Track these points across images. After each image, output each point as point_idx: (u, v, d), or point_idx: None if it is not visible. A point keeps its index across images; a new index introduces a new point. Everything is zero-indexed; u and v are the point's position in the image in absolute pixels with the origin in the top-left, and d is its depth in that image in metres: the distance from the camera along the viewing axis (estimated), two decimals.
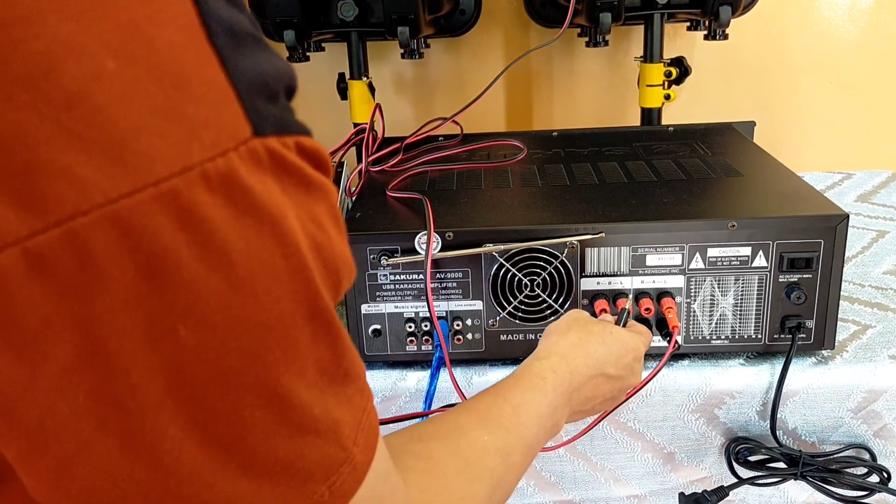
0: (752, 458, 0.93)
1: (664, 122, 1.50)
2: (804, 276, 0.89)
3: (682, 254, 0.89)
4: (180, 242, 0.35)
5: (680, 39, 1.64)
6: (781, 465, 0.93)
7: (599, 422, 0.86)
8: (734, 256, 0.89)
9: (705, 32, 1.44)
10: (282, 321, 0.39)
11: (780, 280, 0.89)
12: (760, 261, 0.89)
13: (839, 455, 0.93)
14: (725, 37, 1.43)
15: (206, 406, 0.37)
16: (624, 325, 0.84)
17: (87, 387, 0.35)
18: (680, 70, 1.50)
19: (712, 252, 0.89)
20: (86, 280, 0.33)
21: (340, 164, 1.25)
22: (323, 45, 1.49)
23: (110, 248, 0.33)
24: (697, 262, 0.89)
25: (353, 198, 1.07)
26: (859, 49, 1.66)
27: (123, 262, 0.34)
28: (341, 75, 1.51)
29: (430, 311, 0.90)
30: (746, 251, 0.89)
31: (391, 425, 0.72)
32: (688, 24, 1.49)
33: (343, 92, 1.50)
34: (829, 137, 1.71)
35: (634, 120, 1.55)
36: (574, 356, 0.75)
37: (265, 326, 0.38)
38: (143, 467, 0.37)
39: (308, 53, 1.45)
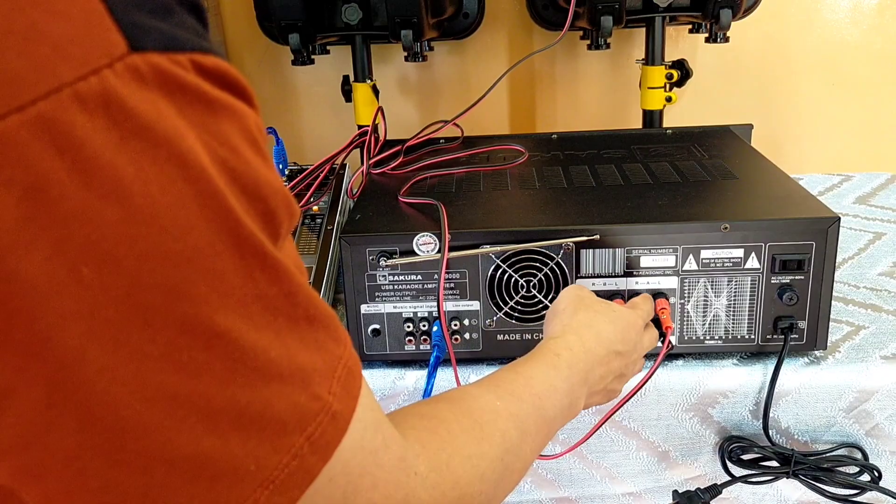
0: (746, 457, 0.95)
1: (666, 124, 1.50)
2: (796, 277, 0.90)
3: (676, 255, 0.91)
4: (60, 170, 0.33)
5: (681, 42, 1.65)
6: (774, 463, 0.94)
7: (604, 422, 0.87)
8: (727, 258, 0.90)
9: (706, 35, 1.44)
10: (199, 251, 0.36)
11: (773, 281, 0.91)
12: (753, 262, 0.90)
13: (831, 454, 0.94)
14: (727, 39, 1.43)
15: (135, 352, 0.35)
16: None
17: None
18: (681, 72, 1.50)
19: (705, 254, 0.90)
20: None
21: (343, 167, 1.27)
22: (328, 47, 1.50)
23: None
24: (691, 264, 0.91)
25: (355, 199, 1.08)
26: (861, 51, 1.66)
27: (1, 197, 0.32)
28: (346, 78, 1.52)
29: (440, 312, 0.92)
30: (739, 253, 0.90)
31: None
32: (689, 26, 1.49)
33: (347, 94, 1.51)
34: (830, 139, 1.72)
35: (636, 122, 1.56)
36: (587, 336, 0.75)
37: (180, 258, 0.36)
38: (74, 420, 0.35)
39: (313, 56, 1.46)
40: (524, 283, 0.92)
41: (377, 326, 0.95)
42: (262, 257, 0.39)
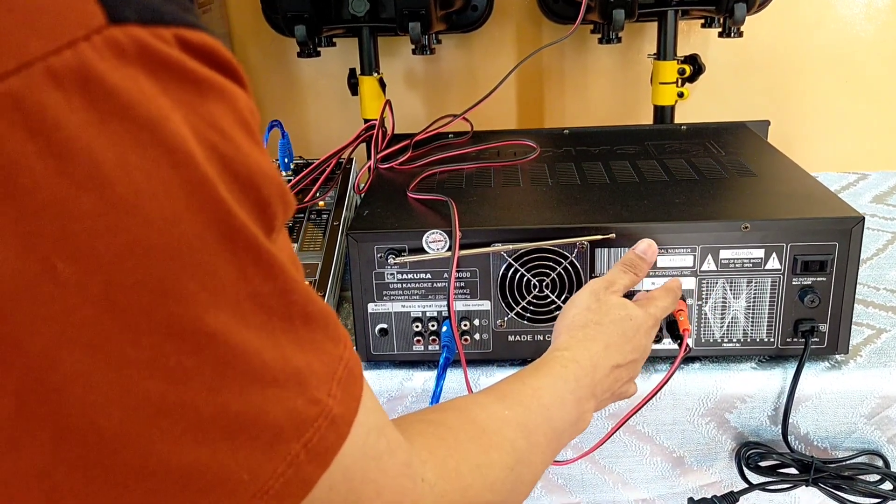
0: (763, 464, 0.92)
1: (677, 120, 1.49)
2: (818, 279, 0.87)
3: (694, 255, 0.88)
4: (31, 155, 0.29)
5: (694, 37, 1.63)
6: (793, 470, 0.91)
7: (619, 428, 0.84)
8: (747, 258, 0.87)
9: (720, 30, 1.43)
10: (187, 245, 0.33)
11: (794, 283, 0.88)
12: (774, 263, 0.87)
13: (852, 461, 0.91)
14: (740, 34, 1.41)
15: (116, 356, 0.32)
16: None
17: None
18: (694, 68, 1.48)
19: (724, 254, 0.87)
20: None
21: (350, 161, 1.24)
22: (334, 40, 1.48)
23: None
24: (709, 264, 0.88)
25: (362, 195, 1.06)
26: (875, 47, 1.64)
27: None
28: (352, 71, 1.50)
29: (449, 311, 0.89)
30: (759, 253, 0.87)
31: None
32: (702, 21, 1.47)
33: (354, 87, 1.50)
34: (844, 137, 1.69)
35: (647, 118, 1.54)
36: (594, 349, 0.72)
37: (165, 252, 0.32)
38: (47, 431, 0.32)
39: (319, 49, 1.44)
40: (537, 283, 0.90)
41: (385, 326, 0.92)
42: (255, 251, 0.36)
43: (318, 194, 1.15)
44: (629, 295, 0.82)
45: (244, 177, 0.36)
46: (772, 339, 0.91)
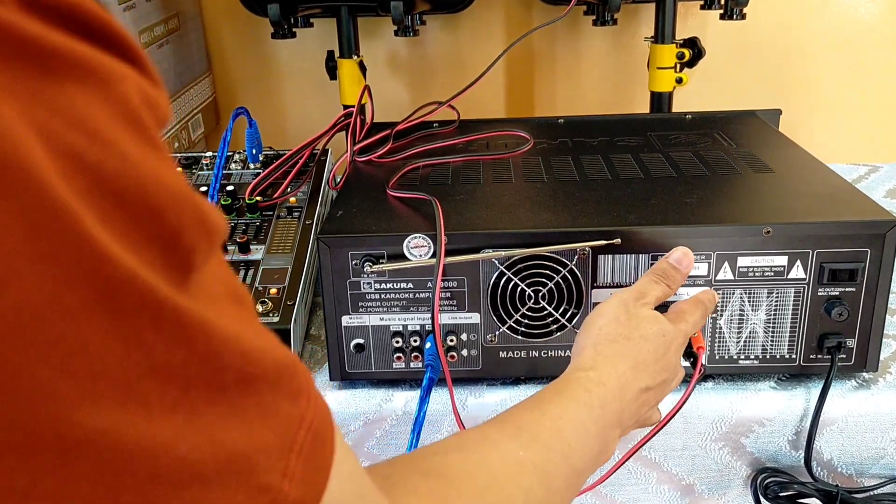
0: (783, 494, 0.83)
1: (675, 107, 1.44)
2: (847, 289, 0.78)
3: (709, 263, 0.78)
4: None
5: (693, 19, 1.56)
6: (815, 501, 0.82)
7: (627, 459, 0.75)
8: (768, 267, 0.78)
9: (721, 11, 1.38)
10: (31, 315, 0.23)
11: (820, 294, 0.79)
12: (798, 272, 0.78)
13: (880, 491, 0.82)
14: (742, 16, 1.37)
15: None
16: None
17: None
18: (693, 52, 1.42)
19: (743, 261, 0.78)
20: None
21: (325, 152, 1.14)
22: (311, 20, 1.41)
23: None
24: (726, 273, 0.79)
25: (338, 191, 0.96)
26: (882, 31, 1.57)
27: None
28: (330, 53, 1.43)
29: (434, 325, 0.80)
30: (782, 261, 0.78)
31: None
32: (702, 2, 1.42)
33: (332, 71, 1.42)
34: (853, 126, 1.62)
35: (643, 105, 1.47)
36: (622, 368, 0.64)
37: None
38: None
39: (295, 29, 1.38)
40: (531, 294, 0.80)
41: (361, 341, 0.82)
42: (153, 309, 0.26)
43: (289, 189, 1.05)
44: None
45: (133, 198, 0.26)
46: (794, 356, 0.81)
